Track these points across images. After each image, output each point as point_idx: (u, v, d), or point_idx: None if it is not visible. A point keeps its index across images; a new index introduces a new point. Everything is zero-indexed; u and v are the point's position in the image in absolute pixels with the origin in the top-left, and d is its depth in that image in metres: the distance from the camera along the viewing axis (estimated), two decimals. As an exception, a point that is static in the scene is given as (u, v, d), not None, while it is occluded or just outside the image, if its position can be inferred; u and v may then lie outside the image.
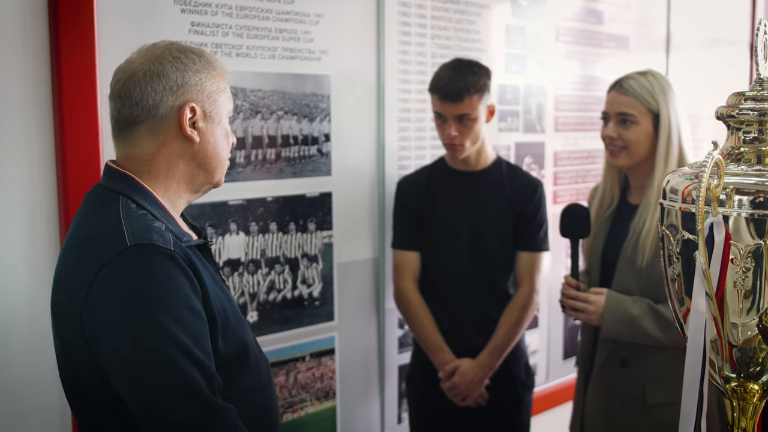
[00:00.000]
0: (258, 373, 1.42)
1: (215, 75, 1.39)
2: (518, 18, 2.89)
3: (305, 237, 2.31)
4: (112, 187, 1.34)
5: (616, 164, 2.14)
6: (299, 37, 2.23)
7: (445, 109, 2.22)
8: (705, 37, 3.84)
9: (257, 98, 2.15)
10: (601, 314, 2.04)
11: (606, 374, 2.13)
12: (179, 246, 1.28)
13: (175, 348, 1.20)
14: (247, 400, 1.37)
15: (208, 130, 1.38)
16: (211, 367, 1.26)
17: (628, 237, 2.07)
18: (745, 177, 1.09)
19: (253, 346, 1.44)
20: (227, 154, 1.44)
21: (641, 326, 2.00)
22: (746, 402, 1.18)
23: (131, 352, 1.20)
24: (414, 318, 2.36)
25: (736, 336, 1.12)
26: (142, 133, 1.35)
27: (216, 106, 1.39)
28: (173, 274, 1.24)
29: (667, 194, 1.18)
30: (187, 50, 1.38)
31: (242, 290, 2.18)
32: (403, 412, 2.65)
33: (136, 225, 1.26)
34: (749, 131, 1.16)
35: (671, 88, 2.10)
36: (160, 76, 1.33)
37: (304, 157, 2.28)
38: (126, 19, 1.89)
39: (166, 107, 1.33)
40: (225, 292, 1.39)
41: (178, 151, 1.36)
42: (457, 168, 2.36)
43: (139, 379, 1.21)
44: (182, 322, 1.22)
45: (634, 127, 2.06)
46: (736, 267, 1.07)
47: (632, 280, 2.06)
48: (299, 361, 2.32)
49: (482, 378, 2.29)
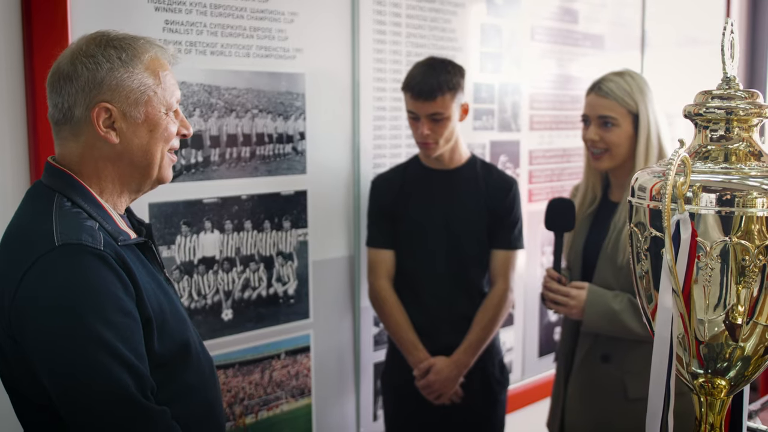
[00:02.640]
0: (200, 370, 1.41)
1: (142, 69, 1.32)
2: (494, 17, 2.90)
3: (280, 235, 2.31)
4: (49, 184, 1.32)
5: (599, 168, 2.15)
6: (274, 36, 2.23)
7: (418, 108, 2.22)
8: (679, 37, 3.88)
9: (232, 96, 2.14)
10: (583, 308, 2.05)
11: (587, 369, 2.14)
12: (111, 246, 1.25)
13: (104, 351, 1.18)
14: (188, 398, 1.36)
15: (129, 130, 1.32)
16: (143, 370, 1.23)
17: (608, 234, 2.09)
18: (712, 174, 1.10)
19: (196, 344, 1.41)
20: (163, 148, 1.37)
21: (622, 321, 2.01)
22: (714, 398, 1.20)
23: (58, 356, 1.18)
24: (389, 316, 2.35)
25: (703, 332, 1.13)
26: (66, 135, 1.33)
27: (139, 104, 1.32)
28: (102, 274, 1.21)
29: (635, 192, 1.19)
30: (109, 44, 1.31)
31: (217, 288, 2.17)
32: (379, 410, 2.65)
33: (67, 224, 1.24)
34: (716, 129, 1.17)
35: (648, 87, 2.11)
36: (71, 77, 1.29)
37: (279, 155, 2.28)
38: (99, 16, 1.88)
39: (80, 109, 1.30)
40: (165, 291, 1.37)
41: (103, 153, 1.33)
42: (432, 166, 2.37)
43: (66, 384, 1.19)
44: (111, 323, 1.20)
45: (615, 129, 2.07)
46: (702, 264, 1.08)
47: (612, 276, 2.08)
48: (274, 359, 2.32)
49: (457, 376, 2.29)
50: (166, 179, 1.41)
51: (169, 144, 1.39)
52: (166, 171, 1.40)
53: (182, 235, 2.08)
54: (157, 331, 1.29)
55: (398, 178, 2.39)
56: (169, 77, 1.38)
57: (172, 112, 1.38)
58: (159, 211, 2.02)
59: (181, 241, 2.09)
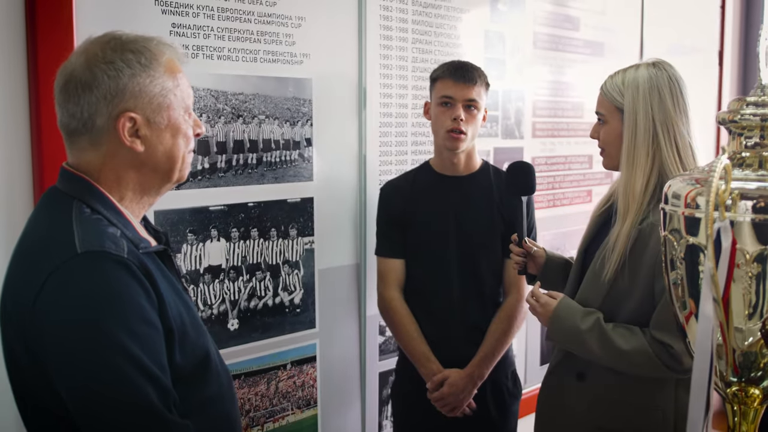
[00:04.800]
0: (219, 382, 1.37)
1: (162, 72, 1.28)
2: (497, 23, 2.89)
3: (287, 243, 2.27)
4: (66, 191, 1.27)
5: (603, 166, 1.99)
6: (281, 40, 2.20)
7: (456, 92, 2.18)
8: (676, 45, 3.89)
9: (239, 102, 2.11)
10: (549, 319, 1.90)
11: (556, 385, 1.99)
12: (134, 253, 1.21)
13: (128, 362, 1.13)
14: (207, 411, 1.32)
15: (153, 137, 1.28)
16: (166, 382, 1.19)
17: (601, 246, 1.90)
18: (747, 182, 1.09)
19: (215, 356, 1.38)
20: (184, 150, 1.35)
21: (584, 340, 1.82)
22: (747, 407, 1.18)
23: (80, 368, 1.13)
24: (399, 327, 2.29)
25: (740, 341, 1.11)
26: (84, 145, 1.27)
27: (162, 109, 1.28)
28: (126, 283, 1.17)
29: (668, 199, 1.17)
30: (125, 48, 1.26)
31: (223, 297, 2.13)
32: (384, 420, 2.62)
33: (88, 231, 1.20)
34: (751, 136, 1.16)
35: (663, 83, 1.85)
36: (90, 85, 1.23)
37: (286, 161, 2.24)
38: (105, 19, 1.84)
39: (103, 119, 1.24)
40: (184, 301, 1.33)
41: (125, 161, 1.28)
42: (445, 173, 2.31)
43: (88, 396, 1.14)
44: (135, 334, 1.15)
45: (605, 126, 1.91)
46: (741, 272, 1.06)
47: (594, 294, 1.89)
48: (280, 369, 2.28)
49: (472, 389, 2.24)
50: (184, 177, 1.38)
51: (189, 145, 1.36)
52: (186, 172, 1.38)
53: (188, 244, 2.05)
54: (178, 343, 1.25)
55: (408, 184, 2.33)
56: (184, 78, 1.35)
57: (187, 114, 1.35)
58: (165, 218, 1.98)
59: (187, 250, 2.05)
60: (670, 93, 1.84)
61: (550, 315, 1.89)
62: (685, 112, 1.84)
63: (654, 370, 1.77)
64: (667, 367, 1.75)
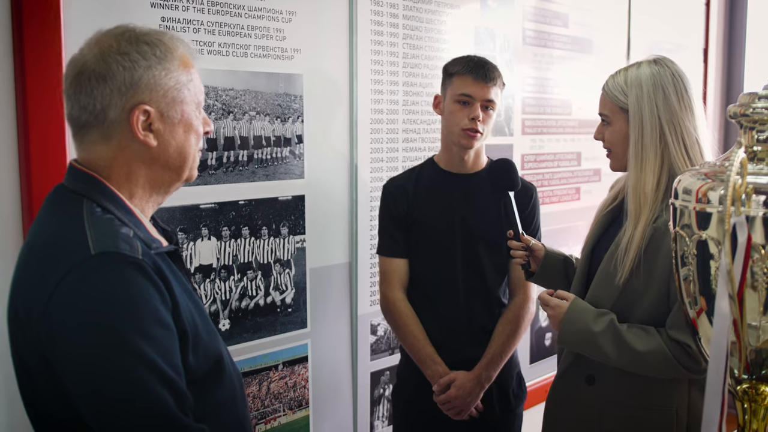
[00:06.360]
0: (231, 385, 1.34)
1: (176, 66, 1.26)
2: (487, 20, 2.87)
3: (278, 242, 2.23)
4: (75, 189, 1.23)
5: (610, 168, 1.96)
6: (272, 35, 2.16)
7: (476, 91, 2.12)
8: (662, 42, 3.90)
9: (229, 98, 2.07)
10: (560, 322, 1.84)
11: (566, 388, 1.95)
12: (148, 254, 1.18)
13: (145, 368, 1.10)
14: (219, 415, 1.29)
15: (167, 131, 1.25)
16: (182, 385, 1.16)
17: (612, 247, 1.87)
18: (759, 176, 1.07)
19: (227, 358, 1.35)
20: (195, 148, 1.33)
21: (596, 342, 1.78)
22: (758, 404, 1.17)
23: (95, 372, 1.10)
24: (404, 329, 2.22)
25: (753, 338, 1.10)
26: (95, 138, 1.24)
27: (176, 103, 1.26)
28: (142, 285, 1.13)
29: (679, 194, 1.15)
30: (140, 40, 1.24)
31: (214, 297, 2.09)
32: (375, 420, 2.59)
33: (102, 231, 1.16)
34: (763, 130, 1.14)
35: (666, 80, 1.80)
36: (105, 77, 1.20)
37: (277, 159, 2.20)
38: (93, 12, 1.79)
39: (116, 111, 1.21)
40: (195, 302, 1.30)
41: (137, 156, 1.25)
42: (451, 170, 2.24)
43: (104, 402, 1.11)
44: (152, 337, 1.12)
45: (610, 128, 1.88)
46: (756, 267, 1.05)
47: (606, 294, 1.85)
48: (272, 370, 2.24)
49: (479, 391, 2.19)
50: (193, 178, 1.35)
51: (199, 143, 1.33)
52: (195, 170, 1.35)
53: (179, 243, 2.00)
54: (192, 345, 1.22)
55: (412, 182, 2.25)
56: (196, 74, 1.32)
57: (198, 110, 1.32)
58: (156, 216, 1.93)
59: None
60: (674, 90, 1.80)
61: (561, 318, 1.83)
62: (690, 108, 1.81)
63: (671, 371, 1.74)
64: (685, 368, 1.72)
